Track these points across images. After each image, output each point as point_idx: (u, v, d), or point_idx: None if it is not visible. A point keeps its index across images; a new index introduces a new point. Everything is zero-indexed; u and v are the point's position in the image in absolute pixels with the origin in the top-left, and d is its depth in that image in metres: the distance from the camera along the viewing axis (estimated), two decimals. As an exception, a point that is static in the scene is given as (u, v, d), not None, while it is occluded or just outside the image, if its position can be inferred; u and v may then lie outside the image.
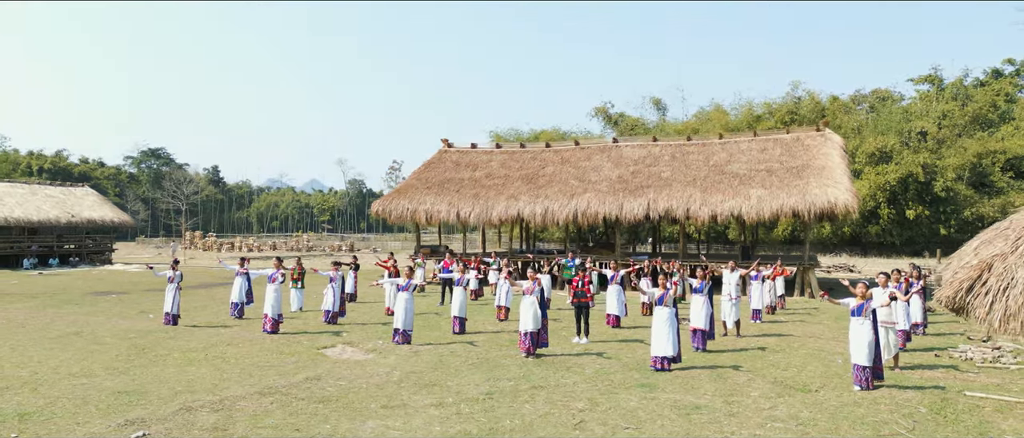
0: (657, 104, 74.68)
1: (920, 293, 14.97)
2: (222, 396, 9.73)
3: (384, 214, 27.60)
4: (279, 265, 15.41)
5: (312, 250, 64.49)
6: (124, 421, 8.48)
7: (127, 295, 23.87)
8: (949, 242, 52.80)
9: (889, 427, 8.38)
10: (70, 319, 17.54)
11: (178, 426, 8.36)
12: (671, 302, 11.41)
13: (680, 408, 9.23)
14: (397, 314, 13.75)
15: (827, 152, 24.79)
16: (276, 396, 9.78)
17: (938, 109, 59.06)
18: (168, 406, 9.19)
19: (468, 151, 31.15)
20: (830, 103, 62.73)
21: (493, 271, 23.47)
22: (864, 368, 10.04)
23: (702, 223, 23.91)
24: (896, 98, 67.17)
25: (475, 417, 8.81)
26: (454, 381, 10.78)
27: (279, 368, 11.67)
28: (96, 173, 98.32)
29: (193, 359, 12.38)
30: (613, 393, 10.01)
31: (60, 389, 10.13)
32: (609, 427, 8.40)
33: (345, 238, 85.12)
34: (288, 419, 8.70)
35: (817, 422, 8.56)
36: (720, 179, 24.59)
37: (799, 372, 11.47)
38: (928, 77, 69.88)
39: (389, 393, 9.99)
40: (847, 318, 18.41)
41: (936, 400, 9.60)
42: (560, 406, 9.31)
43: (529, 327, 12.29)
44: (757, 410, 9.11)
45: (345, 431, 8.25)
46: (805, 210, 22.24)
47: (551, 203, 25.23)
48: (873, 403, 9.42)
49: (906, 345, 13.73)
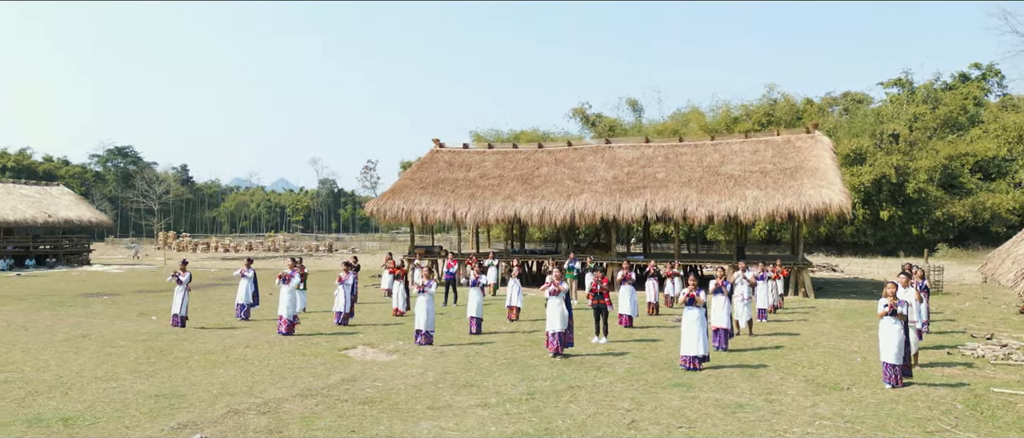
0: (633, 105, 75.43)
1: (925, 292, 15.33)
2: (263, 399, 9.63)
3: (379, 214, 27.43)
4: (294, 265, 15.26)
5: (289, 250, 63.79)
6: (176, 424, 8.36)
7: (119, 297, 23.43)
8: (921, 242, 54.09)
9: (933, 424, 8.60)
10: (72, 321, 17.18)
11: (231, 429, 8.26)
12: (702, 303, 11.55)
13: (724, 407, 9.36)
14: (418, 315, 13.72)
15: (818, 154, 25.24)
16: (318, 398, 9.71)
17: (909, 112, 60.39)
18: (212, 409, 9.07)
19: (461, 151, 31.10)
20: (804, 105, 63.84)
21: (492, 270, 23.50)
22: (894, 366, 10.28)
23: (700, 223, 24.15)
24: (867, 100, 68.61)
25: (525, 417, 8.84)
26: (490, 381, 10.80)
27: (309, 370, 11.57)
28: (61, 172, 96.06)
29: (216, 361, 12.23)
30: (653, 393, 10.12)
31: (92, 392, 9.94)
32: (662, 426, 8.49)
33: (320, 238, 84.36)
34: (339, 421, 8.65)
35: (863, 420, 8.75)
36: (715, 180, 24.91)
37: (825, 371, 11.70)
38: (897, 80, 71.44)
39: (430, 394, 9.98)
40: (847, 317, 18.96)
41: (969, 397, 9.87)
42: (605, 406, 9.39)
43: (557, 327, 12.36)
44: (800, 408, 9.28)
45: (400, 432, 8.23)
46: (800, 211, 22.62)
47: (548, 203, 25.33)
48: (910, 400, 9.65)
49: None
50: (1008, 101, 63.32)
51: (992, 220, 52.82)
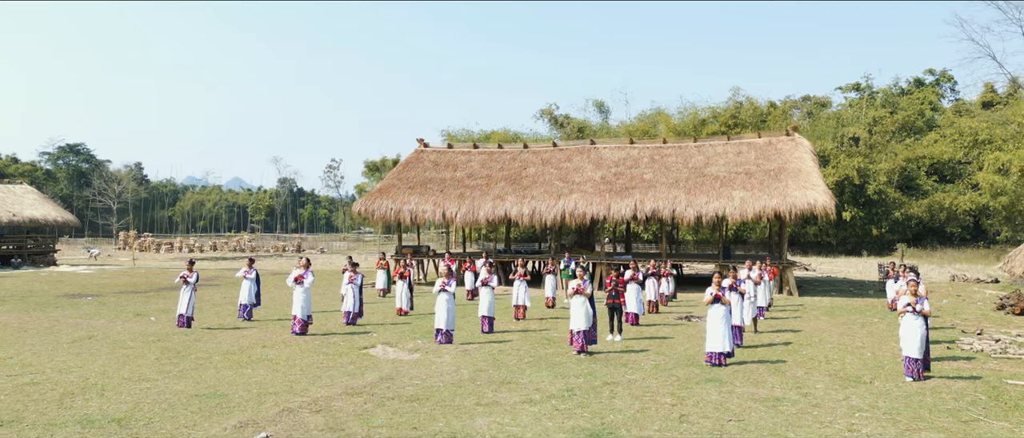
0: (600, 107, 76.28)
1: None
2: (310, 397, 9.63)
3: (367, 214, 27.31)
4: (308, 266, 15.19)
5: (255, 251, 62.83)
6: (237, 423, 8.34)
7: (104, 298, 22.90)
8: (881, 242, 55.95)
9: (964, 414, 9.04)
10: (69, 323, 16.81)
11: (291, 427, 8.27)
12: (728, 302, 11.89)
13: (762, 400, 9.68)
14: (439, 314, 13.81)
15: (800, 156, 25.95)
16: (363, 396, 9.75)
17: (869, 116, 62.27)
18: (263, 408, 9.05)
19: (446, 151, 31.13)
20: (768, 108, 65.36)
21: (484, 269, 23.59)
22: (916, 361, 10.75)
23: (689, 223, 24.63)
24: (828, 103, 70.56)
25: (576, 413, 9.02)
26: (525, 379, 10.96)
27: (341, 369, 11.58)
28: (10, 170, 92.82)
29: (240, 361, 12.14)
30: (689, 388, 10.39)
31: (128, 393, 9.82)
32: (712, 420, 8.76)
33: (282, 238, 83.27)
34: (394, 418, 8.72)
35: (899, 411, 9.14)
36: (701, 181, 25.42)
37: (843, 365, 12.13)
38: (855, 85, 73.66)
39: (473, 391, 10.09)
40: (837, 314, 19.59)
41: (988, 388, 10.37)
42: (648, 401, 9.62)
43: (582, 325, 12.57)
44: (835, 401, 9.65)
45: (459, 428, 8.34)
46: (786, 211, 23.25)
47: (538, 204, 25.55)
48: (935, 392, 10.11)
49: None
50: (961, 106, 65.72)
51: (948, 221, 54.89)
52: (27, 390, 10.00)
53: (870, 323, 17.64)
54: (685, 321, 17.77)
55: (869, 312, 19.91)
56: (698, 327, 16.84)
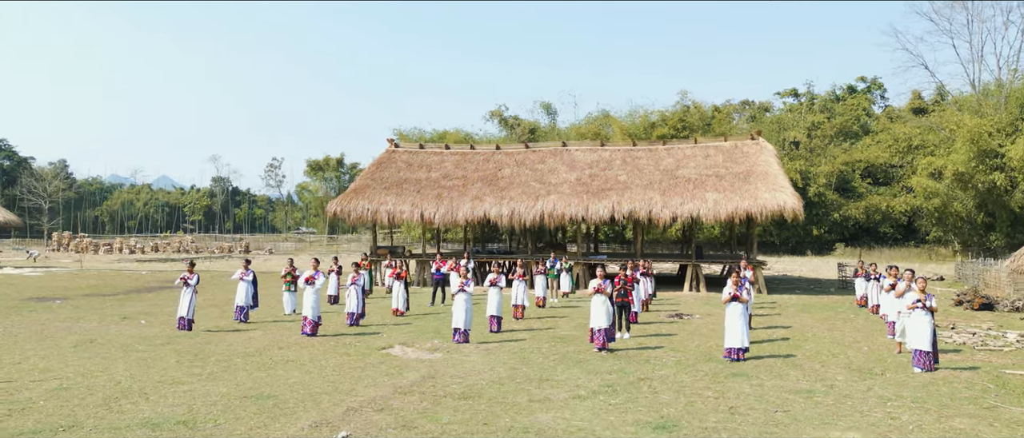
0: (547, 109, 77.27)
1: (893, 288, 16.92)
2: (364, 397, 9.71)
3: (343, 215, 27.10)
4: (317, 265, 15.13)
5: (199, 252, 61.19)
6: (312, 423, 8.40)
7: (72, 301, 22.14)
8: (821, 241, 58.48)
9: (981, 401, 9.77)
10: (60, 327, 16.32)
11: (364, 425, 8.37)
12: (746, 300, 12.46)
13: (795, 392, 10.24)
14: (457, 314, 13.99)
15: (766, 159, 27.03)
16: (416, 395, 9.88)
17: (808, 120, 64.91)
18: (324, 408, 9.10)
19: (418, 151, 31.14)
20: (713, 112, 67.36)
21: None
22: (926, 353, 11.53)
23: (664, 224, 25.37)
24: (769, 108, 73.21)
25: (629, 407, 9.36)
26: (562, 376, 11.26)
27: (373, 370, 11.65)
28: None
29: (263, 364, 12.07)
30: (721, 382, 10.89)
31: (173, 397, 9.69)
32: (759, 411, 9.24)
33: (221, 239, 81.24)
34: (458, 416, 8.89)
35: (923, 400, 9.82)
36: (674, 183, 26.21)
37: (849, 358, 12.86)
38: (792, 91, 76.61)
39: (518, 389, 10.33)
40: (814, 310, 20.55)
41: (991, 378, 11.20)
42: (691, 395, 10.04)
43: (603, 323, 12.96)
44: (861, 391, 10.28)
45: (529, 423, 8.58)
46: (758, 213, 24.22)
47: (517, 205, 25.87)
48: (947, 383, 10.88)
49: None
50: (891, 112, 69.14)
51: (882, 221, 57.75)
52: (63, 395, 9.76)
53: (849, 319, 18.61)
54: (677, 319, 18.38)
55: (841, 309, 20.96)
56: (695, 324, 17.49)
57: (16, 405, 9.20)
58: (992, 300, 21.10)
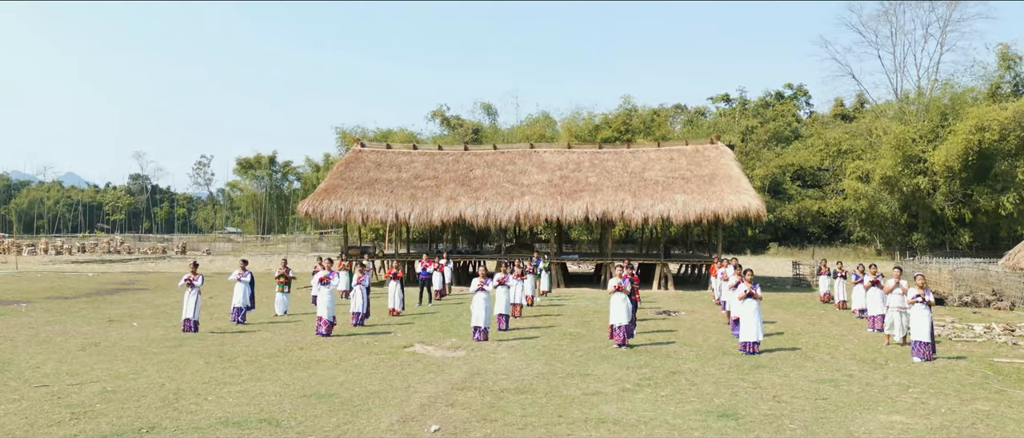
0: (488, 109, 77.84)
1: (875, 284, 18.07)
2: (429, 394, 9.93)
3: (315, 214, 26.79)
4: (329, 266, 15.12)
5: (132, 253, 58.91)
6: (399, 418, 8.60)
7: (36, 304, 21.25)
8: (755, 241, 60.99)
9: (987, 387, 10.76)
10: (54, 330, 15.79)
11: (444, 420, 8.61)
12: (760, 296, 13.24)
13: (820, 382, 10.99)
14: (476, 313, 14.26)
15: (727, 163, 28.24)
16: (475, 391, 10.15)
17: (742, 125, 67.57)
18: (395, 405, 9.29)
19: (386, 151, 31.04)
20: (652, 116, 69.25)
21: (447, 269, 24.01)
22: (926, 344, 12.52)
23: (636, 224, 26.19)
24: (705, 111, 75.81)
25: (680, 398, 9.88)
26: (598, 371, 11.71)
27: (409, 367, 11.84)
28: None
29: (294, 364, 12.08)
30: (750, 374, 11.56)
31: (232, 397, 9.67)
32: (801, 399, 9.92)
33: (145, 238, 78.25)
34: (529, 409, 9.22)
35: (935, 386, 10.73)
36: (643, 185, 27.08)
37: (849, 351, 13.79)
38: (725, 96, 79.55)
39: (565, 383, 10.71)
40: (790, 307, 21.69)
41: (987, 366, 12.29)
42: (730, 386, 10.65)
43: (623, 320, 13.50)
44: (881, 380, 11.12)
45: (596, 414, 8.98)
46: (724, 214, 25.33)
47: (492, 205, 26.20)
48: (950, 370, 11.86)
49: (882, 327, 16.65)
50: (817, 118, 72.71)
51: (811, 222, 60.75)
52: (115, 398, 9.61)
53: (822, 315, 19.77)
54: (665, 316, 19.13)
55: (809, 305, 22.19)
56: (686, 320, 18.25)
57: (75, 409, 9.04)
58: (941, 296, 22.74)
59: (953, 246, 48.90)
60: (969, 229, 48.20)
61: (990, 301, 21.84)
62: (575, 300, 22.84)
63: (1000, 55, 52.36)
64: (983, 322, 17.82)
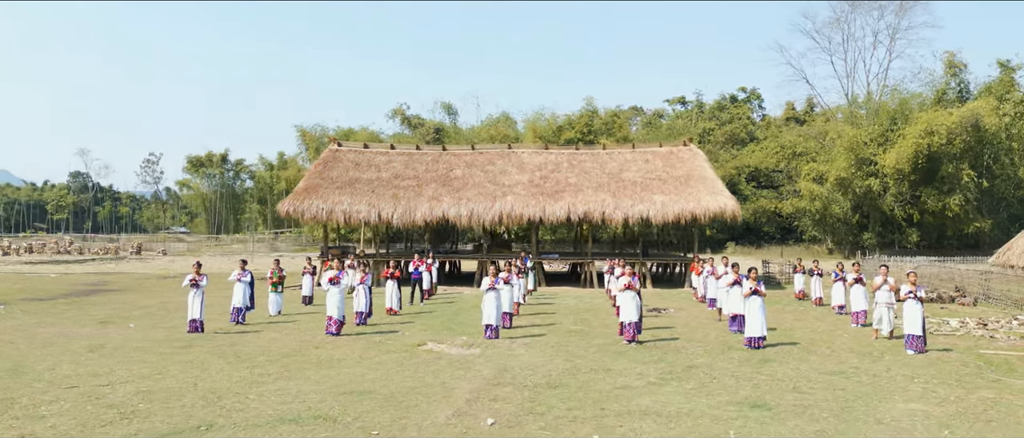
0: (448, 109, 78.02)
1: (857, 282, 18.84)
2: (467, 390, 10.15)
3: (296, 214, 26.58)
4: (341, 265, 15.17)
5: (83, 253, 57.18)
6: (453, 412, 8.82)
7: (15, 306, 20.67)
8: (712, 240, 62.39)
9: (982, 377, 11.48)
10: (53, 332, 15.49)
11: (495, 415, 8.87)
12: (765, 294, 13.82)
13: (831, 374, 11.58)
14: (488, 311, 14.51)
15: (701, 165, 29.03)
16: (510, 387, 10.41)
17: (699, 126, 69.13)
18: (443, 400, 9.50)
19: (364, 151, 30.93)
20: (612, 117, 70.27)
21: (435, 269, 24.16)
22: (918, 337, 13.27)
23: (616, 224, 26.74)
24: (663, 113, 77.29)
25: (706, 391, 10.33)
26: (618, 366, 12.09)
27: (437, 364, 12.05)
28: None
29: (318, 362, 12.17)
30: (762, 367, 12.08)
31: (272, 396, 9.75)
32: (819, 389, 10.43)
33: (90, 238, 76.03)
34: (566, 403, 9.53)
35: (937, 376, 11.40)
36: (622, 186, 27.65)
37: (847, 345, 14.49)
38: (680, 98, 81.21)
39: (594, 378, 11.06)
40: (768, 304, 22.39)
41: (977, 358, 13.07)
42: (748, 379, 11.14)
43: (633, 318, 13.93)
44: (883, 371, 11.76)
45: (635, 406, 9.35)
46: (702, 214, 26.06)
47: (475, 205, 26.42)
48: (944, 362, 12.59)
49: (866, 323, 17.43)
50: (769, 121, 74.91)
51: (766, 222, 62.55)
52: (156, 398, 9.59)
53: (804, 311, 20.56)
54: (656, 313, 19.66)
55: (788, 303, 23.00)
56: (678, 317, 18.79)
57: (121, 409, 9.02)
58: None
59: (902, 245, 51.06)
60: (917, 229, 50.34)
61: (954, 297, 23.01)
62: (562, 299, 23.26)
63: (946, 63, 54.79)
64: (955, 316, 18.82)
